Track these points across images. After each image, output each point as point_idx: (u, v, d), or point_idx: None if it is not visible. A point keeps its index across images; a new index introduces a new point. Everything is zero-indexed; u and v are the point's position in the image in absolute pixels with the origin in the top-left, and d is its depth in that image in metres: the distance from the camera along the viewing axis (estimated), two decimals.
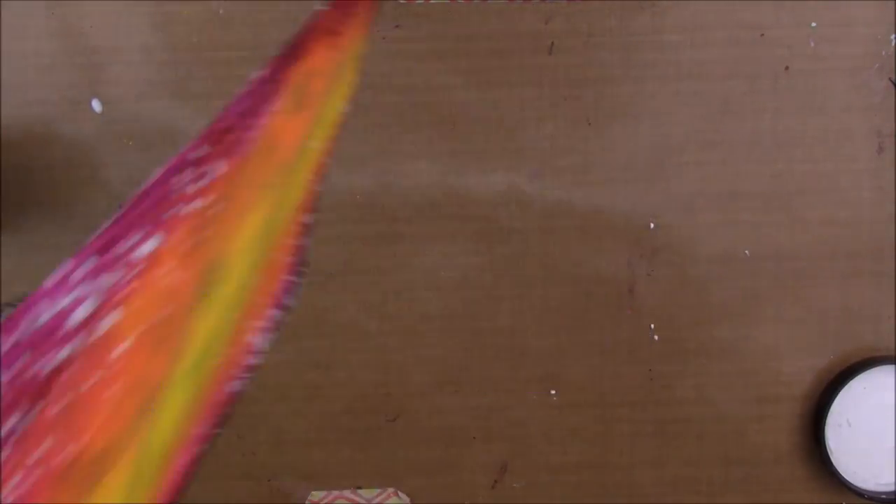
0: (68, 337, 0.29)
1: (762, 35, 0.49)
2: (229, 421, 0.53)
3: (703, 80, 0.49)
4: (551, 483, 0.51)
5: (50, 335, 0.30)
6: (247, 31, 0.49)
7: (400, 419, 0.51)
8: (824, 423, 0.48)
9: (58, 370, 0.29)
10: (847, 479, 0.48)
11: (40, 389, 0.28)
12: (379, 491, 0.51)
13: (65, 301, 0.29)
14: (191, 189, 0.27)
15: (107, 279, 0.30)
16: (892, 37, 0.48)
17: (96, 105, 0.49)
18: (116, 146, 0.49)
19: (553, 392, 0.51)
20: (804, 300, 0.50)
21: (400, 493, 0.51)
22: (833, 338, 0.50)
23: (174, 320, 0.30)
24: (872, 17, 0.48)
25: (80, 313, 0.29)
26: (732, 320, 0.50)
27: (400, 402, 0.51)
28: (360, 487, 0.52)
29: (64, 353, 0.30)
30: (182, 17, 0.49)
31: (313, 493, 0.51)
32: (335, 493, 0.51)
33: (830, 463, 0.48)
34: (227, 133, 0.28)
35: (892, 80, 0.49)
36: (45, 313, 0.29)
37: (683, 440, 0.51)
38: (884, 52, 0.49)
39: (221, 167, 0.27)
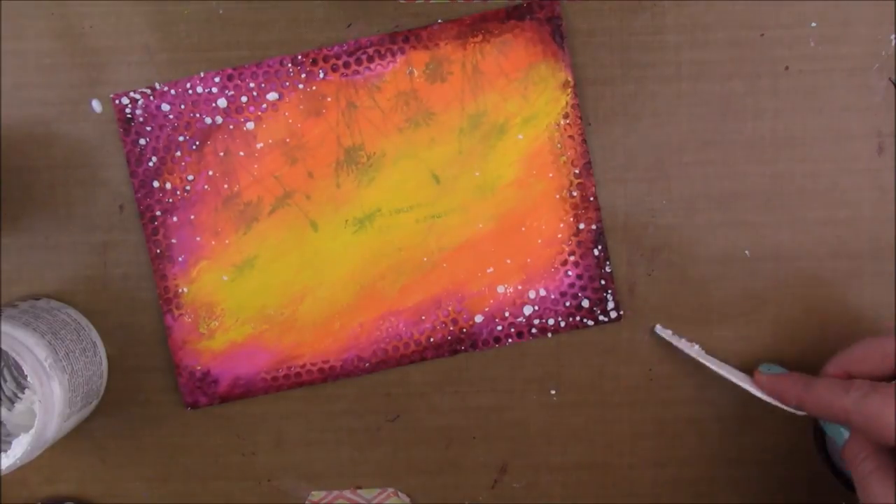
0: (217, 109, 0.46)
1: (762, 35, 0.49)
2: (229, 421, 0.54)
3: (703, 80, 0.49)
4: (551, 483, 0.51)
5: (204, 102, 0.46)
6: (247, 31, 0.49)
7: (400, 419, 0.51)
8: (824, 422, 0.48)
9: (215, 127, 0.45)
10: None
11: (205, 132, 0.44)
12: (379, 491, 0.51)
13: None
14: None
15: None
16: (892, 37, 0.48)
17: (96, 105, 0.49)
18: (116, 146, 0.49)
19: (553, 392, 0.51)
20: (804, 300, 0.50)
21: (400, 493, 0.51)
22: (833, 338, 0.50)
23: None
24: (872, 17, 0.48)
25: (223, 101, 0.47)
26: (732, 320, 0.50)
27: (400, 402, 0.51)
28: (360, 487, 0.52)
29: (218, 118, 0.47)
30: (182, 17, 0.49)
31: (313, 493, 0.51)
32: (335, 493, 0.51)
33: (831, 463, 0.48)
34: None
35: (892, 80, 0.49)
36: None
37: (683, 440, 0.51)
38: (884, 52, 0.49)
39: None
